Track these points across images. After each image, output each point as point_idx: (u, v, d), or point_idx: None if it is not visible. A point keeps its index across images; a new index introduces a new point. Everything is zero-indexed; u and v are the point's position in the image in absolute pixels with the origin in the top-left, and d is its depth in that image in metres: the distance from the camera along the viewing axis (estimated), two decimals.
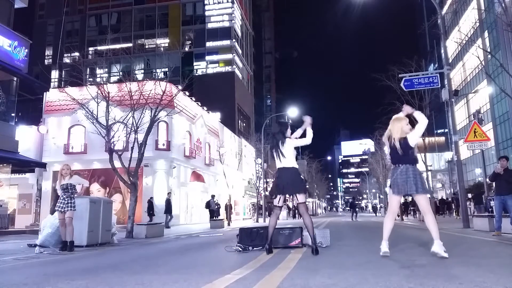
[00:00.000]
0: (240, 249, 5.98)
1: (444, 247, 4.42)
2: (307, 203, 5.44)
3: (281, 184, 5.26)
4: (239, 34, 53.16)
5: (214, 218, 20.64)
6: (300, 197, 5.24)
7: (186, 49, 49.15)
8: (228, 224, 21.76)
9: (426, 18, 50.05)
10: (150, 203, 19.61)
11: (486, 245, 6.56)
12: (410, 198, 36.97)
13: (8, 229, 16.60)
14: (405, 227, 14.75)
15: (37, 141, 24.03)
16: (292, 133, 5.54)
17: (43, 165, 19.53)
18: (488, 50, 31.02)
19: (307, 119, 5.47)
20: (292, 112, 35.82)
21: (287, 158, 5.28)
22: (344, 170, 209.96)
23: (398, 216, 25.68)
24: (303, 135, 5.56)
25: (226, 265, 4.74)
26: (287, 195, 5.55)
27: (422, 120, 4.73)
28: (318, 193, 74.05)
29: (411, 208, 28.92)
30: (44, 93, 24.56)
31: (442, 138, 53.20)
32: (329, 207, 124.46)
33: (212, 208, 22.18)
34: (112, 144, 12.42)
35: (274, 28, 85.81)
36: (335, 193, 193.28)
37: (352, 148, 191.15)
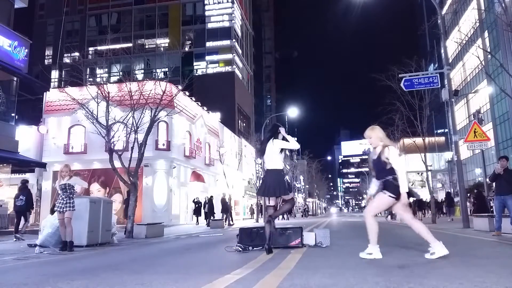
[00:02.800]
0: (240, 249, 5.98)
1: (445, 247, 4.42)
2: (295, 198, 5.73)
3: (264, 186, 5.44)
4: (239, 34, 53.15)
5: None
6: (285, 197, 5.49)
7: (186, 49, 49.12)
8: (230, 224, 21.74)
9: (426, 18, 50.10)
10: (211, 202, 20.21)
11: (486, 245, 6.55)
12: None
13: (8, 229, 16.61)
14: (405, 227, 14.74)
15: (37, 141, 24.03)
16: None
17: (43, 165, 19.52)
18: (488, 50, 31.01)
19: (282, 130, 5.64)
20: (292, 112, 35.88)
21: (273, 160, 5.45)
22: (344, 170, 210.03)
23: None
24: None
25: (226, 265, 4.74)
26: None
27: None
28: (318, 193, 74.09)
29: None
30: (44, 93, 24.56)
31: (442, 138, 53.18)
32: (328, 207, 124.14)
33: (230, 210, 22.26)
34: (112, 144, 12.42)
35: (274, 28, 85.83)
36: (335, 193, 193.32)
37: (352, 148, 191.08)
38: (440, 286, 2.91)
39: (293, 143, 5.60)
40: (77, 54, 42.29)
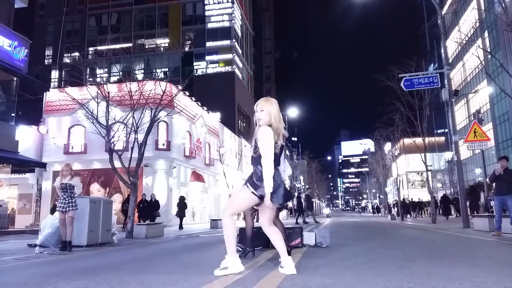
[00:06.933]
0: (240, 249, 5.98)
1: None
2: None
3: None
4: (239, 34, 53.15)
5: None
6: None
7: (186, 49, 49.13)
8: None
9: (426, 18, 50.14)
10: (299, 199, 20.14)
11: (486, 245, 6.55)
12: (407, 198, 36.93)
13: (8, 229, 16.63)
14: (404, 227, 14.76)
15: (37, 141, 24.03)
16: None
17: (43, 165, 19.54)
18: (488, 50, 31.02)
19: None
20: (292, 112, 35.93)
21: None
22: (344, 170, 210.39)
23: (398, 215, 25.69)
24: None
25: None
26: None
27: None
28: (318, 193, 74.06)
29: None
30: (44, 93, 24.58)
31: (442, 138, 53.19)
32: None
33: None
34: (112, 144, 12.43)
35: (274, 28, 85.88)
36: (335, 193, 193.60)
37: (352, 148, 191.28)
38: (440, 286, 2.91)
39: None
40: (77, 54, 42.31)
